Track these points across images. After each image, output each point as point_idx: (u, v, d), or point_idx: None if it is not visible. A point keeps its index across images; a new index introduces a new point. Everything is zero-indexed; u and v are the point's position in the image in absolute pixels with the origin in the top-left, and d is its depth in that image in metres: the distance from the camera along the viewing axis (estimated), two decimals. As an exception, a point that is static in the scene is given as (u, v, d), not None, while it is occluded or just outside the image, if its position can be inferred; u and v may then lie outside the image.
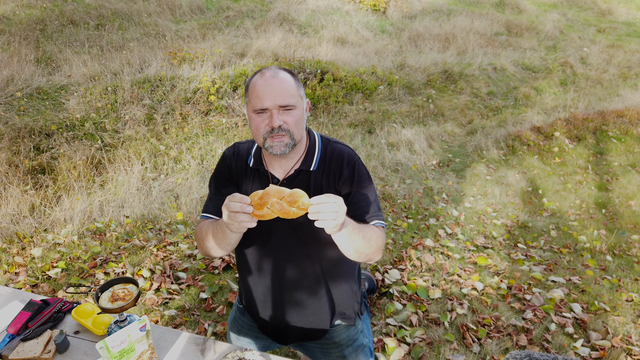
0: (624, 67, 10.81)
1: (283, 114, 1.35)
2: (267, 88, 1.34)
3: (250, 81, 1.40)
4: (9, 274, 3.22)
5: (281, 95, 1.34)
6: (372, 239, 1.38)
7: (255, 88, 1.36)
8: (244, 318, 1.74)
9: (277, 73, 1.37)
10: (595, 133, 7.18)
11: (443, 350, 2.65)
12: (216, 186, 1.57)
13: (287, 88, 1.36)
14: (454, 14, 13.45)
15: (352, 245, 1.33)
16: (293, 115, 1.37)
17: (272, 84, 1.34)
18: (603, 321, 2.99)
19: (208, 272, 3.37)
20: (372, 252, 1.39)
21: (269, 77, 1.35)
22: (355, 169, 1.47)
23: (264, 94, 1.34)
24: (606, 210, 5.43)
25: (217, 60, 8.40)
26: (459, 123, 8.06)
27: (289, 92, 1.36)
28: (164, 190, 5.18)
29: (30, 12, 9.98)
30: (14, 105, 6.52)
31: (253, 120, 1.39)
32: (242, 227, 1.22)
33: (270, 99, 1.33)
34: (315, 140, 1.51)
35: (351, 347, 1.68)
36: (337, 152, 1.50)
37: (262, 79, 1.36)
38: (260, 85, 1.35)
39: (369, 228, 1.40)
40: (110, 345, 1.33)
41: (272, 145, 1.37)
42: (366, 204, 1.46)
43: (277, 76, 1.36)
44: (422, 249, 3.94)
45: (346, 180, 1.46)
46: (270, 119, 1.35)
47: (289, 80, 1.38)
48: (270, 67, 1.40)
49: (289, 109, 1.36)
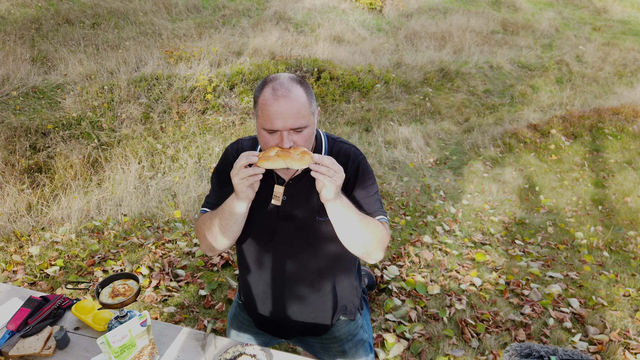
0: (619, 65, 10.86)
1: (293, 134, 1.31)
2: (278, 109, 1.27)
3: (260, 94, 1.32)
4: (7, 272, 3.21)
5: (292, 118, 1.28)
6: (371, 227, 1.38)
7: (266, 107, 1.28)
8: (243, 314, 1.74)
9: (289, 91, 1.28)
10: (591, 130, 7.21)
11: (442, 346, 2.65)
12: (217, 183, 1.56)
13: (299, 110, 1.28)
14: (450, 13, 13.47)
15: (349, 225, 1.34)
16: (303, 135, 1.32)
17: (284, 106, 1.27)
18: (601, 316, 3.00)
19: (207, 270, 3.36)
20: (370, 241, 1.38)
21: (280, 97, 1.27)
22: (359, 167, 1.48)
23: (274, 116, 1.27)
24: (602, 207, 5.46)
25: (213, 58, 8.38)
26: (456, 121, 8.08)
27: (301, 114, 1.29)
28: (161, 188, 5.17)
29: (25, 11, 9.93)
30: (9, 104, 6.48)
31: (262, 136, 1.34)
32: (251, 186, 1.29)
33: (281, 121, 1.27)
34: (322, 141, 1.51)
35: (351, 342, 1.68)
36: (343, 152, 1.50)
37: (274, 98, 1.27)
38: (271, 105, 1.27)
39: (369, 217, 1.41)
40: (111, 340, 1.33)
41: None
42: (369, 202, 1.48)
43: (290, 95, 1.28)
44: (421, 246, 3.95)
45: (350, 179, 1.47)
46: (281, 140, 1.30)
47: (302, 98, 1.30)
48: (282, 81, 1.30)
49: (300, 130, 1.31)
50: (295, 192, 1.46)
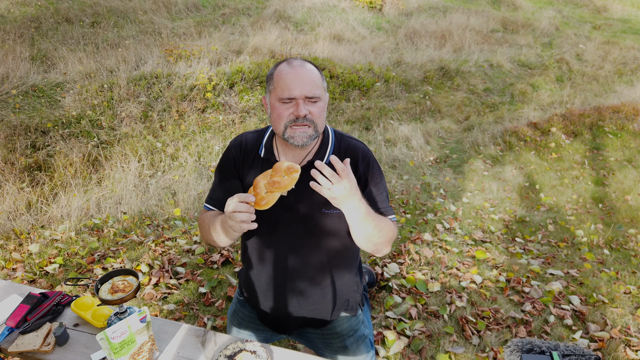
0: (619, 63, 10.85)
1: (308, 104, 1.36)
2: (295, 77, 1.34)
3: (275, 70, 1.39)
4: (7, 269, 3.20)
5: (309, 85, 1.34)
6: (384, 229, 1.41)
7: (283, 76, 1.35)
8: (244, 310, 1.73)
9: (304, 64, 1.38)
10: (591, 128, 7.21)
11: (443, 343, 2.65)
12: (220, 177, 1.56)
13: (314, 79, 1.36)
14: (450, 11, 13.45)
15: (364, 229, 1.35)
16: (318, 106, 1.37)
17: (300, 74, 1.34)
18: (601, 313, 3.00)
19: (207, 267, 3.36)
20: (382, 242, 1.42)
21: (297, 67, 1.35)
22: (370, 165, 1.48)
23: (292, 83, 1.33)
24: (603, 205, 5.46)
25: (213, 57, 8.37)
26: (456, 119, 8.07)
27: (316, 83, 1.36)
28: (161, 187, 5.17)
29: (24, 9, 9.91)
30: (9, 103, 6.48)
31: (276, 109, 1.37)
32: (244, 229, 1.27)
33: (298, 88, 1.33)
34: (329, 134, 1.51)
35: (353, 337, 1.67)
36: (351, 147, 1.50)
37: (290, 68, 1.35)
38: (288, 74, 1.35)
39: (383, 218, 1.43)
40: (110, 336, 1.32)
41: (293, 135, 1.37)
42: (380, 200, 1.50)
43: (305, 66, 1.37)
44: (421, 243, 3.94)
45: (362, 177, 1.46)
46: (296, 108, 1.34)
47: (315, 71, 1.39)
48: (295, 58, 1.40)
49: (314, 100, 1.36)
50: (301, 183, 1.45)
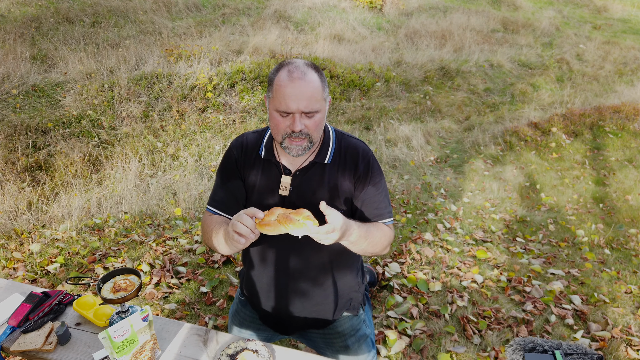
0: (619, 63, 10.85)
1: (305, 118, 1.33)
2: (293, 91, 1.28)
3: (276, 76, 1.33)
4: (8, 269, 3.20)
5: (306, 101, 1.29)
6: (378, 241, 1.44)
7: (281, 89, 1.30)
8: (245, 310, 1.73)
9: (304, 74, 1.30)
10: (592, 128, 7.20)
11: (444, 342, 2.65)
12: (222, 178, 1.56)
13: (313, 93, 1.30)
14: (450, 11, 13.45)
15: (357, 248, 1.40)
16: (315, 119, 1.34)
17: (299, 88, 1.29)
18: (603, 313, 2.99)
19: (208, 266, 3.36)
20: (377, 251, 1.47)
21: (296, 79, 1.29)
22: (370, 164, 1.48)
23: (290, 98, 1.29)
24: (603, 205, 5.45)
25: (213, 57, 8.37)
26: (456, 119, 8.07)
27: (315, 98, 1.31)
28: (161, 186, 5.17)
29: (25, 9, 9.91)
30: (9, 103, 6.48)
31: (274, 119, 1.35)
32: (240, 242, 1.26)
33: (295, 104, 1.29)
34: (330, 134, 1.50)
35: (354, 336, 1.67)
36: (351, 146, 1.49)
37: (289, 80, 1.29)
38: (287, 87, 1.29)
39: (376, 229, 1.44)
40: (112, 335, 1.32)
41: (289, 147, 1.36)
42: (379, 200, 1.49)
43: (305, 78, 1.30)
44: (422, 243, 3.94)
45: (361, 177, 1.46)
46: (292, 123, 1.31)
47: (316, 82, 1.32)
48: (297, 65, 1.32)
49: (311, 115, 1.33)
50: (302, 183, 1.45)
